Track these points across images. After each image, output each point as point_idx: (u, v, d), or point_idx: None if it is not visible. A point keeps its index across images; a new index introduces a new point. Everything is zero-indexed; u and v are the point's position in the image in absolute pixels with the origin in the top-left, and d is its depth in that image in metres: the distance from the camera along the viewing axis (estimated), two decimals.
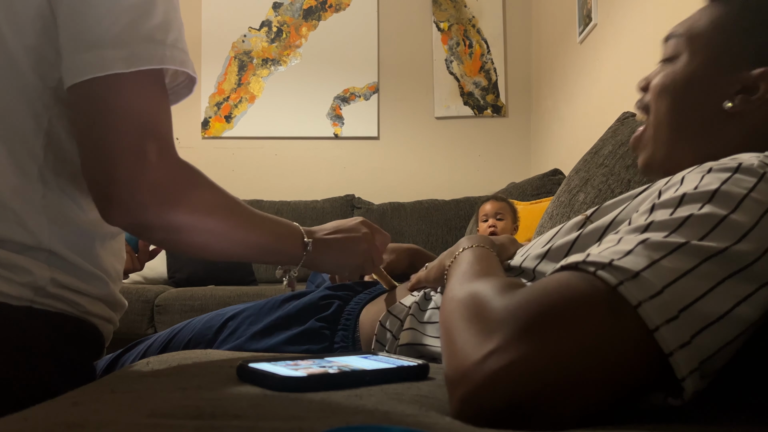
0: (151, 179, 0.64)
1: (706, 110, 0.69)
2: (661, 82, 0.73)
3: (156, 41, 0.65)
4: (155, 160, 0.64)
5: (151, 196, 0.64)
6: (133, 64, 0.63)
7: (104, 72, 0.62)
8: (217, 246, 0.73)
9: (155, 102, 0.66)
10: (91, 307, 0.75)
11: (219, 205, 0.72)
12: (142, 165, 0.63)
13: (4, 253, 0.66)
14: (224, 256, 0.76)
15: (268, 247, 0.79)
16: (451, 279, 0.61)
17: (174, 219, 0.67)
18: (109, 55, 0.62)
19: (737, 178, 0.52)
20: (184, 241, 0.70)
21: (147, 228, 0.67)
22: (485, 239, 0.73)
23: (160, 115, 0.66)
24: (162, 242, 0.72)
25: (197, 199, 0.69)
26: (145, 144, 0.64)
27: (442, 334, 0.52)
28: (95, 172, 0.65)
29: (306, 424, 0.38)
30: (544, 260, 0.68)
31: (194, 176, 0.70)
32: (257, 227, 0.77)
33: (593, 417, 0.43)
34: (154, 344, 0.91)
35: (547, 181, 2.75)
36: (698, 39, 0.72)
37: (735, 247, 0.47)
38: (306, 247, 0.82)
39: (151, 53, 0.64)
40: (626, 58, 2.28)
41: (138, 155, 0.63)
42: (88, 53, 0.62)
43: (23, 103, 0.67)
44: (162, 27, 0.65)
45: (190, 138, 3.61)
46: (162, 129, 0.66)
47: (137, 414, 0.40)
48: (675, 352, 0.42)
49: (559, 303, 0.44)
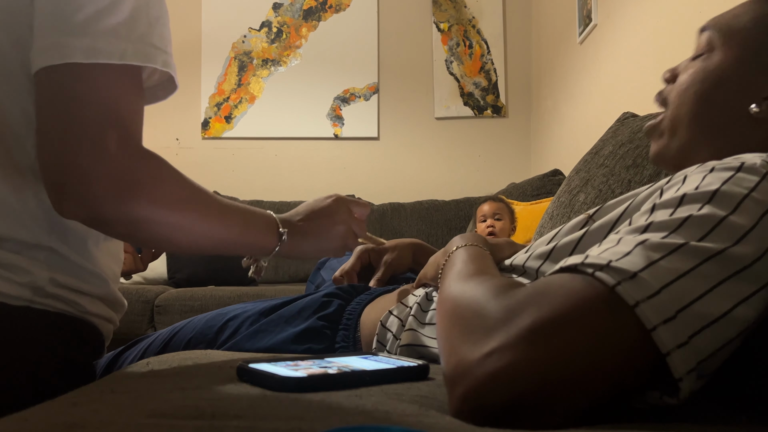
0: (108, 170, 0.60)
1: (731, 111, 0.68)
2: (690, 79, 0.71)
3: (119, 36, 0.62)
4: (114, 150, 0.61)
5: (107, 187, 0.60)
6: (92, 56, 0.60)
7: (63, 60, 0.60)
8: (182, 239, 0.69)
9: (121, 94, 0.63)
10: (91, 306, 0.75)
11: (182, 198, 0.68)
12: (100, 154, 0.60)
13: (3, 253, 0.66)
14: (191, 249, 0.73)
15: (235, 239, 0.75)
16: (446, 277, 0.61)
17: (132, 212, 0.63)
18: (70, 43, 0.60)
19: (739, 178, 0.52)
20: (146, 235, 0.66)
21: (104, 221, 0.63)
22: (478, 238, 0.73)
23: (125, 107, 0.63)
24: (123, 236, 0.69)
25: (158, 192, 0.65)
26: (105, 133, 0.60)
27: (439, 331, 0.52)
28: (49, 160, 0.61)
29: (306, 425, 0.38)
30: (548, 261, 0.68)
31: (157, 168, 0.66)
32: (224, 220, 0.72)
33: (591, 416, 0.43)
34: (155, 343, 0.91)
35: (548, 181, 2.75)
36: (737, 35, 0.69)
37: (734, 248, 0.47)
38: (281, 237, 0.78)
39: (112, 48, 0.61)
40: (626, 58, 2.28)
41: (96, 144, 0.60)
42: (51, 39, 0.61)
43: (12, 101, 0.67)
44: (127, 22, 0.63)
45: (190, 138, 3.61)
46: (125, 120, 0.63)
47: (137, 414, 0.40)
48: (672, 352, 0.42)
49: (558, 304, 0.44)
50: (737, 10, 0.71)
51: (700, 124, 0.70)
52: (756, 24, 0.68)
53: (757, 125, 0.67)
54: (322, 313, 0.86)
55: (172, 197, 0.67)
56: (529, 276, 0.71)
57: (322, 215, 0.85)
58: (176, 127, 3.58)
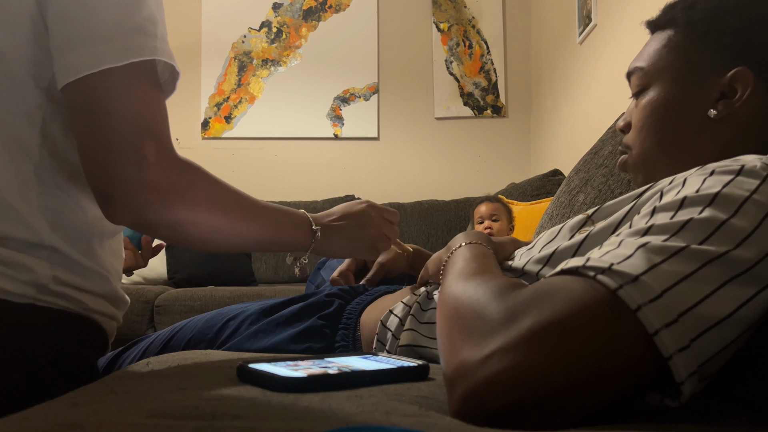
0: (150, 179, 0.64)
1: (692, 124, 0.71)
2: (642, 115, 0.75)
3: (147, 33, 0.65)
4: (154, 160, 0.64)
5: (151, 195, 0.65)
6: (124, 56, 0.62)
7: (97, 68, 0.61)
8: (221, 239, 0.74)
9: (150, 99, 0.66)
10: (94, 304, 0.76)
11: (219, 201, 0.72)
12: (141, 165, 0.64)
13: (6, 252, 0.67)
14: (230, 248, 0.77)
15: (271, 238, 0.79)
16: (448, 275, 0.61)
17: (175, 216, 0.68)
18: (100, 49, 0.62)
19: (740, 181, 0.52)
20: (188, 236, 0.71)
21: (150, 225, 0.68)
22: (482, 236, 0.73)
23: (156, 114, 0.67)
24: (167, 237, 0.73)
25: (197, 196, 0.70)
26: (143, 145, 0.64)
27: (439, 330, 0.52)
28: (95, 174, 0.65)
29: (306, 425, 0.38)
30: (548, 265, 0.68)
31: (193, 173, 0.70)
32: (259, 220, 0.77)
33: (592, 416, 0.43)
34: (154, 343, 0.91)
35: (547, 181, 2.75)
36: (658, 65, 0.74)
37: (735, 251, 0.47)
38: (314, 234, 0.83)
39: (143, 45, 0.64)
40: (626, 58, 2.27)
41: (136, 156, 0.64)
42: (79, 50, 0.62)
43: (16, 103, 0.67)
44: (150, 19, 0.65)
45: (189, 138, 3.61)
46: (159, 128, 0.67)
47: (137, 414, 0.40)
48: (674, 356, 0.42)
49: (559, 307, 0.44)
50: (648, 46, 0.77)
51: (669, 148, 0.73)
52: (669, 48, 0.74)
53: (723, 124, 0.69)
54: (322, 312, 0.86)
55: (209, 201, 0.71)
56: (528, 279, 0.71)
57: (355, 217, 0.89)
58: (176, 127, 3.55)
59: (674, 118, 0.72)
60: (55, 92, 0.67)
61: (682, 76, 0.72)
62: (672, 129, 0.73)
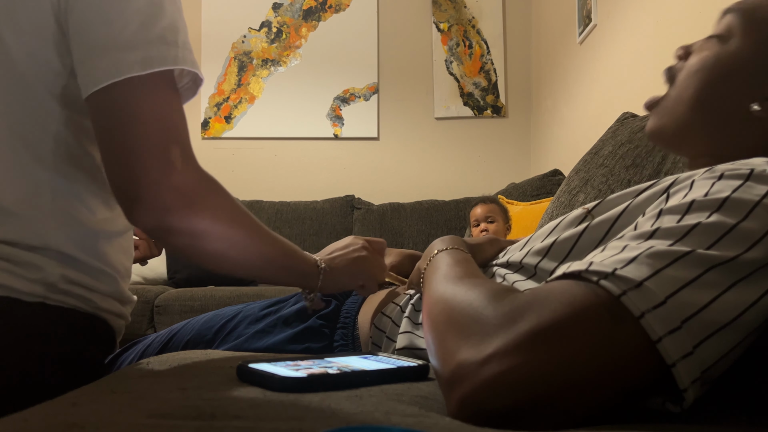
0: (176, 183, 0.65)
1: (732, 104, 0.68)
2: (700, 63, 0.70)
3: (168, 42, 0.65)
4: (180, 165, 0.65)
5: (176, 199, 0.65)
6: (148, 65, 0.63)
7: (121, 76, 0.62)
8: (236, 255, 0.72)
9: (173, 106, 0.67)
10: (102, 303, 0.76)
11: (238, 215, 0.72)
12: (168, 169, 0.64)
13: (16, 251, 0.68)
14: (241, 267, 0.74)
15: (284, 263, 0.77)
16: (431, 281, 0.60)
17: (197, 223, 0.67)
18: (123, 58, 0.63)
19: (749, 186, 0.51)
20: (205, 248, 0.70)
21: (170, 231, 0.67)
22: (459, 241, 0.72)
23: (179, 120, 0.67)
24: (183, 247, 0.71)
25: (219, 206, 0.70)
26: (170, 149, 0.65)
27: (431, 333, 0.51)
28: (120, 177, 0.65)
29: (306, 425, 0.38)
30: (546, 257, 0.67)
31: (215, 183, 0.71)
32: (273, 242, 0.76)
33: (592, 418, 0.43)
34: (153, 344, 0.91)
35: (547, 181, 2.75)
36: (758, 26, 0.68)
37: (743, 256, 0.46)
38: (320, 269, 0.81)
39: (165, 54, 0.65)
40: (626, 58, 2.28)
41: (163, 159, 0.64)
42: (102, 60, 0.63)
43: (28, 110, 0.68)
44: (171, 28, 0.66)
45: (190, 138, 3.60)
46: (183, 134, 0.68)
47: (137, 414, 0.40)
48: (677, 363, 0.42)
49: (560, 311, 0.43)
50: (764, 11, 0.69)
51: (700, 111, 0.69)
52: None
53: (754, 124, 0.67)
54: (320, 312, 0.86)
55: (230, 213, 0.71)
56: (526, 272, 0.70)
57: (344, 248, 0.87)
58: None
59: (723, 87, 0.68)
60: (67, 99, 0.69)
61: (763, 54, 0.67)
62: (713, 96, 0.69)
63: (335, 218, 3.28)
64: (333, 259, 0.84)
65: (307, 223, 3.24)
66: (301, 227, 3.23)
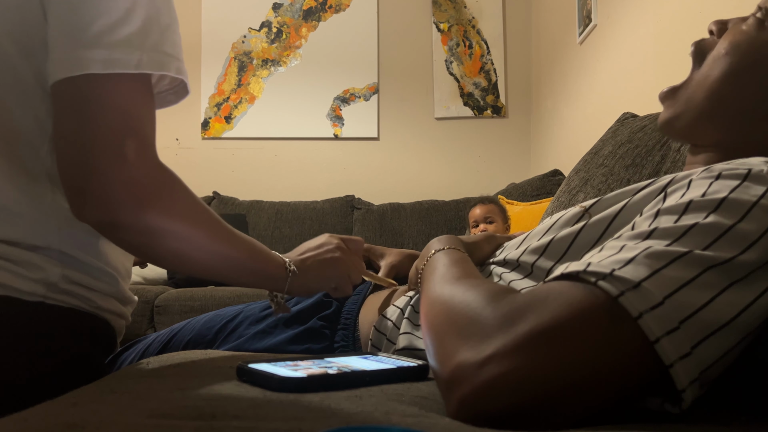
0: (127, 176, 0.62)
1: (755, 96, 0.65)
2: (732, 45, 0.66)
3: (133, 45, 0.63)
4: (133, 158, 0.62)
5: (126, 193, 0.62)
6: (108, 67, 0.62)
7: (80, 71, 0.61)
8: (194, 256, 0.69)
9: (136, 102, 0.64)
10: (103, 302, 0.76)
11: (196, 214, 0.69)
12: (120, 161, 0.62)
13: (16, 251, 0.68)
14: (200, 268, 0.71)
15: (247, 264, 0.74)
16: (429, 281, 0.60)
17: (148, 220, 0.64)
18: (86, 55, 0.62)
19: (746, 186, 0.51)
20: (158, 246, 0.67)
21: (119, 227, 0.64)
22: (456, 240, 0.72)
23: (141, 116, 0.65)
24: (134, 246, 0.68)
25: (174, 203, 0.66)
26: (124, 141, 0.62)
27: (429, 334, 0.51)
28: (70, 166, 0.63)
29: (306, 425, 0.38)
30: (543, 256, 0.67)
31: (172, 180, 0.67)
32: (236, 243, 0.73)
33: (591, 419, 0.43)
34: (153, 344, 0.91)
35: (547, 181, 2.75)
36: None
37: (740, 256, 0.46)
38: (288, 269, 0.77)
39: (127, 58, 0.63)
40: (626, 58, 2.28)
41: (116, 151, 0.62)
42: (68, 51, 0.62)
43: (25, 110, 0.68)
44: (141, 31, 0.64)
45: (190, 138, 3.61)
46: (143, 129, 0.65)
47: (137, 414, 0.40)
48: (675, 364, 0.42)
49: (559, 312, 0.43)
50: None
51: (719, 100, 0.66)
52: None
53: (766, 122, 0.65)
54: (321, 313, 0.86)
55: (185, 210, 0.68)
56: (523, 270, 0.70)
57: (318, 248, 0.84)
58: (176, 127, 3.58)
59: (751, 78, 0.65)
60: None
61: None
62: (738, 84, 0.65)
63: (335, 218, 3.28)
64: (304, 261, 0.81)
65: (307, 224, 3.24)
66: (301, 227, 3.23)
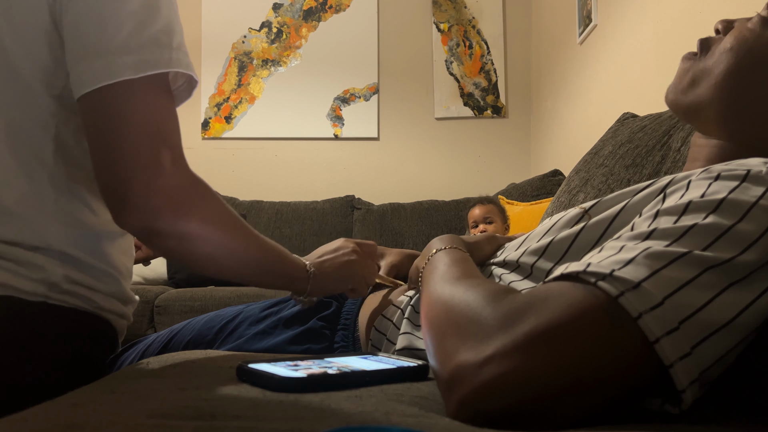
0: (165, 186, 0.65)
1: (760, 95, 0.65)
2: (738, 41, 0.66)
3: (162, 45, 0.65)
4: (169, 168, 0.65)
5: (164, 202, 0.65)
6: (141, 69, 0.63)
7: (113, 79, 0.62)
8: (225, 259, 0.72)
9: (165, 109, 0.67)
10: (104, 303, 0.77)
11: (227, 219, 0.72)
12: (158, 172, 0.64)
13: (18, 251, 0.68)
14: (230, 271, 0.75)
15: (273, 267, 0.77)
16: (429, 281, 0.60)
17: (185, 227, 0.67)
18: (117, 61, 0.63)
19: (745, 187, 0.51)
20: (193, 251, 0.70)
21: (158, 234, 0.67)
22: (457, 240, 0.72)
23: (171, 124, 0.67)
24: (171, 250, 0.71)
25: (208, 210, 0.69)
26: (160, 152, 0.65)
27: (429, 334, 0.51)
28: (109, 178, 0.65)
29: (306, 425, 0.38)
30: (543, 257, 0.67)
31: (204, 187, 0.71)
32: (263, 247, 0.76)
33: (591, 419, 0.43)
34: (153, 345, 0.91)
35: (547, 181, 2.75)
36: None
37: (739, 257, 0.46)
38: (309, 272, 0.81)
39: (158, 57, 0.65)
40: (626, 59, 2.28)
41: (153, 162, 0.64)
42: (95, 62, 0.63)
43: (29, 112, 0.69)
44: (166, 30, 0.66)
45: (190, 138, 3.60)
46: (174, 138, 0.67)
47: (137, 414, 0.40)
48: (675, 364, 0.42)
49: (558, 312, 0.43)
50: None
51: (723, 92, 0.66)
52: None
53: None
54: (321, 314, 0.86)
55: (219, 216, 0.70)
56: (522, 272, 0.70)
57: (334, 251, 0.87)
58: None
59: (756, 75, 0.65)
60: (67, 99, 0.69)
61: None
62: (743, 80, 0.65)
63: (335, 218, 3.28)
64: (322, 263, 0.84)
65: (307, 224, 3.24)
66: (301, 227, 3.23)
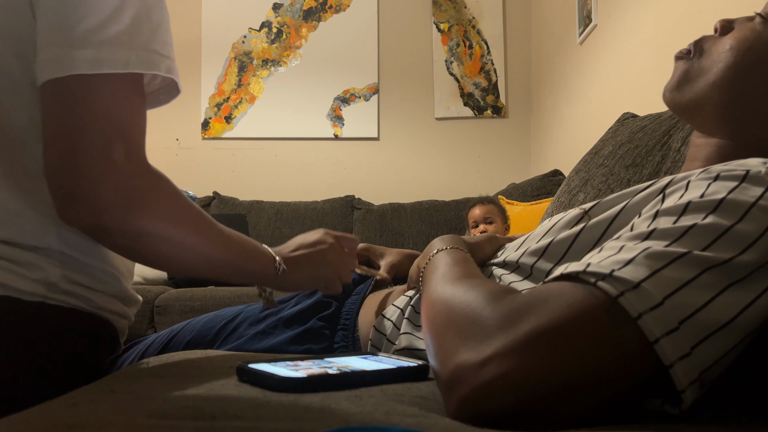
0: (115, 180, 0.62)
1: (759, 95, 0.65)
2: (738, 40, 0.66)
3: (121, 44, 0.62)
4: (122, 162, 0.62)
5: (113, 196, 0.62)
6: (95, 67, 0.61)
7: (67, 72, 0.61)
8: (183, 258, 0.69)
9: (125, 104, 0.64)
10: (104, 303, 0.76)
11: (186, 217, 0.69)
12: (108, 164, 0.61)
13: (16, 251, 0.68)
14: (191, 270, 0.72)
15: (237, 264, 0.75)
16: (430, 280, 0.60)
17: (135, 224, 0.64)
18: (73, 55, 0.61)
19: (745, 187, 0.51)
20: (147, 250, 0.67)
21: (107, 231, 0.64)
22: (459, 240, 0.72)
23: (131, 118, 0.64)
24: (123, 249, 0.68)
25: (162, 207, 0.66)
26: (113, 145, 0.62)
27: (430, 334, 0.51)
28: (57, 169, 0.62)
29: (306, 425, 0.38)
30: (543, 258, 0.67)
31: (161, 184, 0.67)
32: (226, 243, 0.73)
33: (591, 418, 0.43)
34: (153, 345, 0.91)
35: (547, 181, 2.75)
36: None
37: (738, 257, 0.46)
38: (278, 267, 0.78)
39: (115, 57, 0.62)
40: (626, 58, 2.28)
41: (104, 154, 0.61)
42: (56, 52, 0.61)
43: (20, 111, 0.68)
44: (130, 30, 0.63)
45: (190, 139, 3.61)
46: (132, 132, 0.64)
47: (137, 414, 0.40)
48: (675, 364, 0.42)
49: (558, 313, 0.43)
50: None
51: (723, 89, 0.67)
52: None
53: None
54: (321, 314, 0.86)
55: (174, 213, 0.67)
56: (522, 272, 0.70)
57: (312, 245, 0.84)
58: (176, 127, 3.58)
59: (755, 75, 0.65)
60: None
61: None
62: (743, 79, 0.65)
63: (335, 218, 3.28)
64: (296, 259, 0.81)
65: (307, 224, 3.24)
66: (301, 227, 3.22)
